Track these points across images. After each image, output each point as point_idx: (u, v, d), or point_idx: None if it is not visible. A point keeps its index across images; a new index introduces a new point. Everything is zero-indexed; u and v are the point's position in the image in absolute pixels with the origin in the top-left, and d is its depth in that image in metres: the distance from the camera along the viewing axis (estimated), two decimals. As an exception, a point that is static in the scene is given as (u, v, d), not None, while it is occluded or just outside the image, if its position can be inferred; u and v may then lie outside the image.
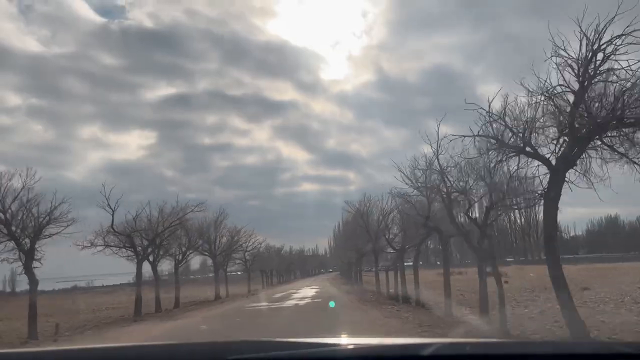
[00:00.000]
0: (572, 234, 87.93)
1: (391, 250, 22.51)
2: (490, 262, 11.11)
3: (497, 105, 8.52)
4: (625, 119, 7.29)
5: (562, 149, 8.00)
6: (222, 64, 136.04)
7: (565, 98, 7.83)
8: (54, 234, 16.19)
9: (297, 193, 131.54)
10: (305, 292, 34.22)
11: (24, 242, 15.59)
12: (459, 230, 11.52)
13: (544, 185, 8.34)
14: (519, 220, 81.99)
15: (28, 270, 15.47)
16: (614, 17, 6.88)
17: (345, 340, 1.91)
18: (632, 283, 19.37)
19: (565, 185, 8.00)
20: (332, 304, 20.44)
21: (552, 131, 8.19)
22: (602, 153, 7.86)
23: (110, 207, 20.25)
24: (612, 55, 7.16)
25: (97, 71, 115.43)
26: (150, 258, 24.47)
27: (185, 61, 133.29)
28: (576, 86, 7.52)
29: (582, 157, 7.93)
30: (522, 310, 13.33)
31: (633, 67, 6.96)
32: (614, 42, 7.04)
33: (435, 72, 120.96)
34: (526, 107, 8.22)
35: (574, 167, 7.96)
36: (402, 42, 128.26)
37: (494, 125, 8.49)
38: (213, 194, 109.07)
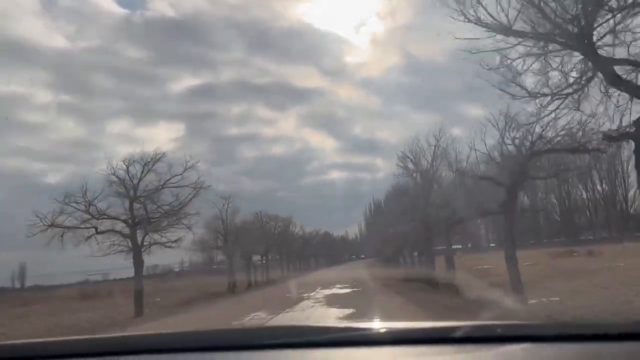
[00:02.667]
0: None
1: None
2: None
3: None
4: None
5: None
6: (246, 52, 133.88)
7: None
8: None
9: (325, 181, 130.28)
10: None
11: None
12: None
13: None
14: (599, 187, 65.80)
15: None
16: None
17: (377, 325, 1.95)
18: None
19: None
20: None
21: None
22: None
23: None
24: None
25: (123, 64, 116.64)
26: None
27: (209, 50, 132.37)
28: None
29: None
30: None
31: None
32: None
33: (465, 51, 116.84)
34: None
35: None
36: (429, 22, 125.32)
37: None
38: (241, 185, 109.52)
